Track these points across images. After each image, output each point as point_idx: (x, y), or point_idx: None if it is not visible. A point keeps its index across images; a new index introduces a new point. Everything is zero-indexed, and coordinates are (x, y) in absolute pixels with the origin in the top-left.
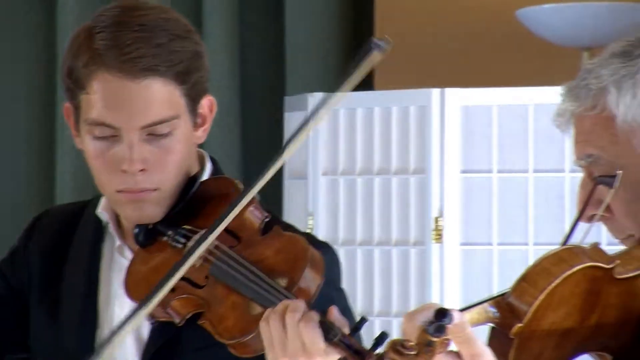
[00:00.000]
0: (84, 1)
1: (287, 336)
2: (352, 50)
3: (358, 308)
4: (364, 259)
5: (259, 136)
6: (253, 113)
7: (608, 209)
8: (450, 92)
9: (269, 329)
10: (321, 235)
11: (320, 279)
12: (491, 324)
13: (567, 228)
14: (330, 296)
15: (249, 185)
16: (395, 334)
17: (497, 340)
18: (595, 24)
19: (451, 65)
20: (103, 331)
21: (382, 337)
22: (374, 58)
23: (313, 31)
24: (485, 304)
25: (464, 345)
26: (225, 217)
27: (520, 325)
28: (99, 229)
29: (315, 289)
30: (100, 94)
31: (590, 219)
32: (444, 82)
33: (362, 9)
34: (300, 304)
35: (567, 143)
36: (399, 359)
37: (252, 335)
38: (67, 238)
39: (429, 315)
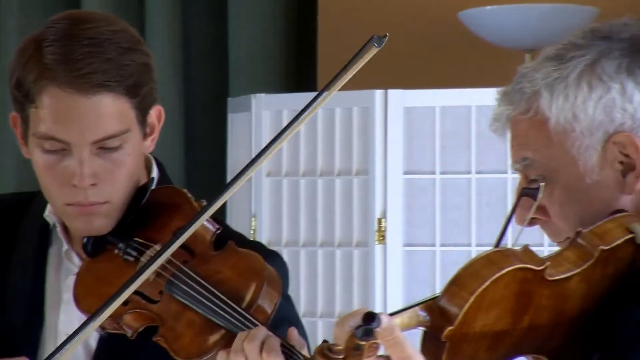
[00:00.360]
0: (27, 2)
1: None
2: (294, 51)
3: (302, 309)
4: (308, 260)
5: (202, 137)
6: (197, 114)
7: (545, 212)
8: (393, 93)
9: (228, 358)
10: (264, 236)
11: (277, 296)
12: (423, 328)
13: (509, 229)
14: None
15: (215, 195)
16: None
17: (430, 343)
18: (537, 26)
19: (394, 67)
20: (48, 334)
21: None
22: (371, 52)
23: (256, 32)
24: (416, 308)
25: (394, 349)
26: (186, 230)
27: (451, 328)
28: (46, 231)
29: (273, 307)
30: (51, 109)
31: (530, 222)
32: (386, 83)
33: (305, 11)
34: (260, 332)
35: (509, 144)
36: None
37: (209, 356)
38: (13, 229)
39: (357, 319)
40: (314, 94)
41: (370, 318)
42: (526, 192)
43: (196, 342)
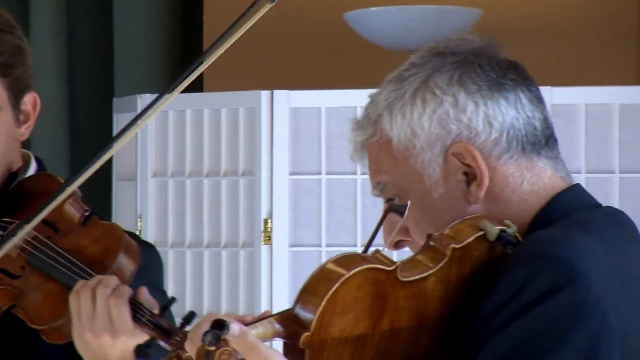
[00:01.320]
0: None
1: (96, 310)
2: (180, 51)
3: (187, 310)
4: (194, 261)
5: (88, 137)
6: (82, 114)
7: (409, 233)
8: (279, 94)
9: (78, 302)
10: (150, 237)
11: (134, 265)
12: (282, 339)
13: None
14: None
15: (70, 178)
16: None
17: (291, 354)
18: (421, 27)
19: (280, 67)
20: None
21: (191, 316)
22: (264, 9)
23: (141, 33)
24: (271, 319)
25: (249, 354)
26: (43, 208)
27: (307, 334)
28: None
29: (128, 274)
30: None
31: (396, 245)
32: (272, 84)
33: (191, 11)
34: (113, 279)
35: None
36: None
37: (64, 319)
38: None
39: (207, 325)
40: (199, 94)
41: (217, 325)
42: (393, 208)
43: (52, 308)
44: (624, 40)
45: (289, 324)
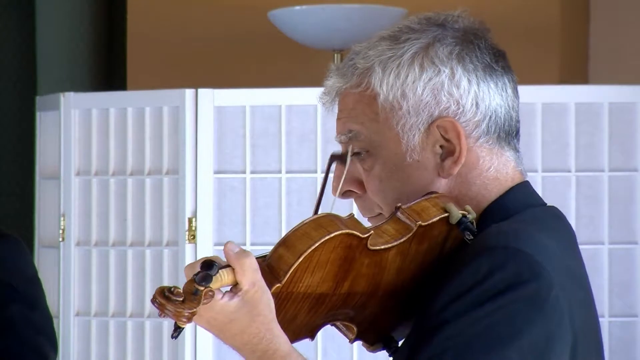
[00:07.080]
0: None
1: None
2: (104, 50)
3: (111, 309)
4: (117, 260)
5: (10, 136)
6: (4, 112)
7: (361, 186)
8: (203, 92)
9: None
10: (74, 236)
11: None
12: None
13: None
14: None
15: None
16: (148, 337)
17: None
18: (346, 26)
19: (204, 66)
20: None
21: None
22: None
23: (65, 31)
24: None
25: (244, 276)
26: None
27: (279, 285)
28: None
29: None
30: None
31: (344, 195)
32: (197, 82)
33: (115, 9)
34: None
35: (319, 143)
36: (166, 304)
37: None
38: None
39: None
40: (123, 92)
41: (208, 265)
42: (336, 157)
43: None
44: (546, 39)
45: (263, 273)
